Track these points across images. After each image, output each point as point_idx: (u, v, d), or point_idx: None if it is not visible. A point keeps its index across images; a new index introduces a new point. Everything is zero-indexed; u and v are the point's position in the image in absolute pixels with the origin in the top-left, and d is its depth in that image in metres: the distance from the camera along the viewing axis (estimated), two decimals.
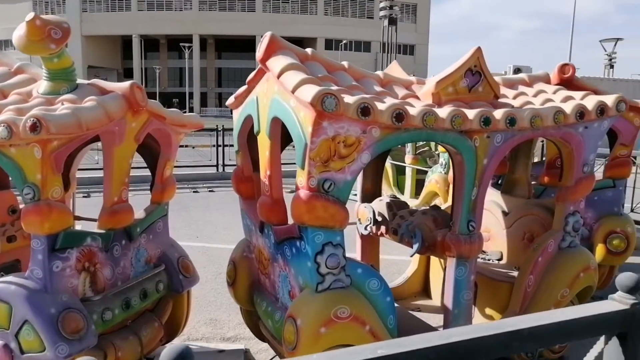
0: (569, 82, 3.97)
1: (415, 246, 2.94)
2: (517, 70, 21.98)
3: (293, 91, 2.29)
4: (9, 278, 2.49)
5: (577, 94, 3.18)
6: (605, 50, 28.68)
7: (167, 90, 64.51)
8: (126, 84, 2.73)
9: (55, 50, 2.54)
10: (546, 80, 3.52)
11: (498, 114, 2.62)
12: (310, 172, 2.29)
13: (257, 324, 3.26)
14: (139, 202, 3.46)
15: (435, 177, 6.24)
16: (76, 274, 2.59)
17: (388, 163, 7.48)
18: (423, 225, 2.99)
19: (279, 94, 2.48)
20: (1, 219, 3.35)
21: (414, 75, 3.27)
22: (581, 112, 2.88)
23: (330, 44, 62.99)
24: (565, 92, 3.23)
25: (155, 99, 3.00)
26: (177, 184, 9.33)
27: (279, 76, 2.45)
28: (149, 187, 3.40)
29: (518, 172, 3.75)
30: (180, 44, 40.27)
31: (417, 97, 2.81)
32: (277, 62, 2.52)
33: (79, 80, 2.80)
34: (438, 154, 6.96)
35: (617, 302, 1.30)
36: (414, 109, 2.42)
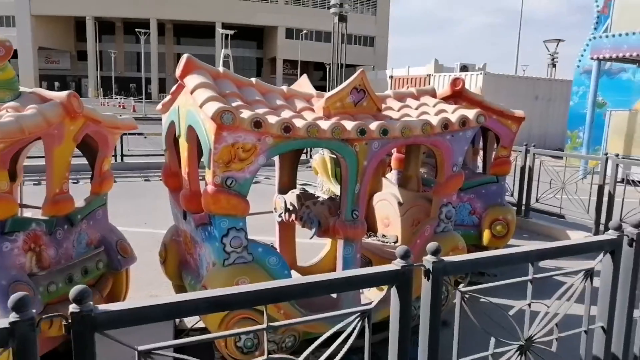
0: (459, 93, 4.71)
1: (313, 230, 3.59)
2: (464, 67, 23.06)
3: (200, 107, 2.86)
4: None
5: (450, 108, 3.87)
6: (549, 50, 30.25)
7: (124, 75, 63.12)
8: (64, 93, 3.21)
9: None
10: (432, 94, 4.20)
11: (373, 126, 3.27)
12: (215, 171, 2.88)
13: None
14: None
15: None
16: (23, 254, 3.09)
17: (327, 156, 8.13)
18: (320, 214, 3.64)
19: (193, 106, 3.04)
20: None
21: (373, 68, 3.86)
22: (446, 124, 3.57)
23: (290, 33, 63.15)
24: (441, 106, 3.91)
25: (112, 84, 3.46)
26: (129, 172, 9.82)
27: (191, 92, 3.01)
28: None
29: (410, 169, 4.44)
30: (136, 29, 39.51)
31: (313, 110, 3.43)
32: (191, 80, 3.08)
33: (22, 89, 3.27)
34: None
35: (395, 264, 1.95)
36: (300, 122, 3.03)
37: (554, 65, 30.76)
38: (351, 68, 67.45)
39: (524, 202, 7.63)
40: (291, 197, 3.96)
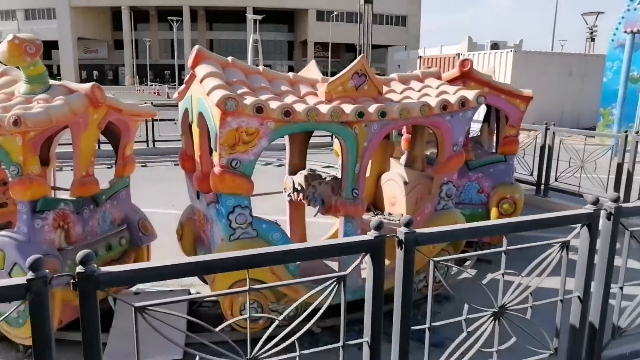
0: (467, 74, 4.80)
1: (317, 209, 3.82)
2: (494, 45, 22.58)
3: (207, 94, 3.10)
4: (3, 232, 3.34)
5: (452, 89, 3.99)
6: (587, 24, 29.17)
7: (158, 62, 64.45)
8: (88, 85, 3.53)
9: (31, 62, 3.34)
10: (437, 76, 4.31)
11: (371, 108, 3.45)
12: (221, 154, 3.13)
13: None
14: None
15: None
16: (53, 230, 3.44)
17: None
18: (324, 193, 3.86)
19: (202, 95, 3.29)
20: None
21: (405, 48, 4.04)
22: (444, 105, 3.71)
23: (321, 15, 62.85)
24: (444, 88, 4.03)
25: (147, 71, 3.74)
26: (160, 157, 10.34)
27: (201, 81, 3.26)
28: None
29: (416, 150, 4.59)
30: (168, 17, 40.19)
31: (316, 95, 3.63)
32: (201, 70, 3.33)
33: (51, 82, 3.59)
34: None
35: (369, 235, 2.15)
36: (301, 107, 3.24)
37: (593, 40, 29.65)
38: (383, 49, 66.85)
39: (543, 181, 7.62)
40: (299, 177, 4.19)
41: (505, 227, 2.43)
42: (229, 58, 3.58)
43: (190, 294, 4.24)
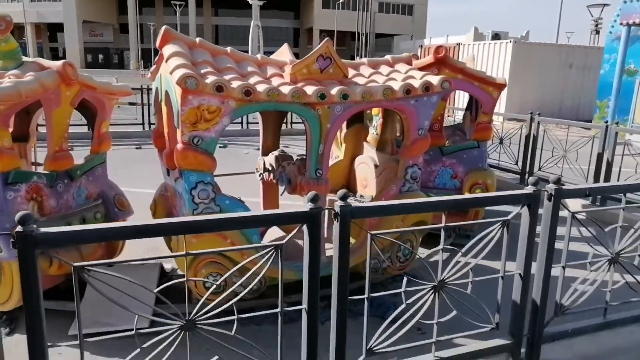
0: (441, 60, 4.88)
1: (282, 188, 3.93)
2: (495, 35, 22.45)
3: (171, 73, 3.21)
4: None
5: (419, 74, 4.07)
6: (592, 16, 28.93)
7: None
8: (60, 62, 3.63)
9: (1, 38, 3.44)
10: (407, 61, 4.39)
11: (334, 90, 3.54)
12: (183, 131, 3.24)
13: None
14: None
15: None
16: (26, 202, 3.57)
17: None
18: (290, 173, 3.98)
19: (168, 74, 3.39)
20: None
21: (412, 37, 4.11)
22: (408, 89, 3.79)
23: (327, 3, 62.50)
24: (411, 73, 4.11)
25: (151, 55, 3.81)
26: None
27: (166, 61, 3.36)
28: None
29: (387, 134, 4.69)
30: (171, 1, 40.10)
31: (282, 76, 3.72)
32: (167, 50, 3.43)
33: (25, 59, 3.70)
34: None
35: (306, 207, 2.26)
36: (262, 87, 3.34)
37: (597, 32, 29.42)
38: (389, 38, 66.41)
39: (527, 170, 7.70)
40: (270, 158, 4.30)
41: (444, 203, 2.53)
42: (197, 39, 3.68)
43: (162, 269, 4.38)
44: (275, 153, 4.34)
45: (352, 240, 4.27)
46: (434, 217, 4.22)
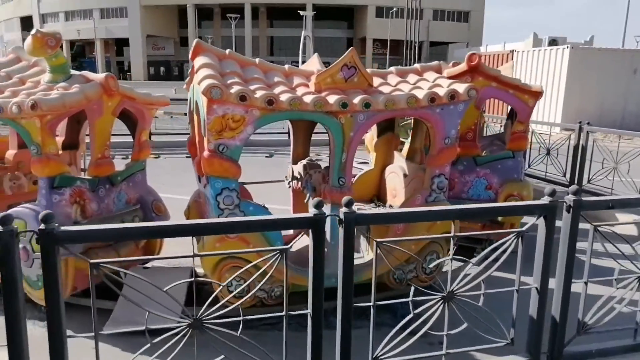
0: (475, 68, 4.84)
1: (307, 195, 4.02)
2: (552, 41, 21.67)
3: (198, 84, 3.38)
4: (26, 205, 3.78)
5: (446, 82, 4.05)
6: None
7: None
8: (102, 75, 3.90)
9: (51, 53, 3.75)
10: (436, 70, 4.38)
11: (356, 99, 3.60)
12: (209, 139, 3.40)
13: None
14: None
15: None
16: (69, 205, 3.85)
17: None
18: (315, 181, 4.06)
19: (197, 84, 3.57)
20: (28, 169, 4.69)
21: (467, 45, 4.18)
22: (432, 98, 3.79)
23: (381, 12, 62.47)
24: (439, 81, 4.09)
25: None
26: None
27: (196, 72, 3.55)
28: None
29: (416, 143, 4.67)
30: (227, 14, 41.44)
31: (307, 86, 3.82)
32: (197, 61, 3.61)
33: (73, 72, 4.01)
34: None
35: (309, 214, 2.33)
36: (285, 96, 3.45)
37: None
38: (443, 45, 65.40)
39: (575, 182, 7.40)
40: (299, 166, 4.40)
41: (451, 213, 2.53)
42: (227, 50, 3.85)
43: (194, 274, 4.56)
44: (304, 161, 4.43)
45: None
46: (466, 228, 4.18)
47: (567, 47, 16.83)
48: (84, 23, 66.70)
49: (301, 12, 21.43)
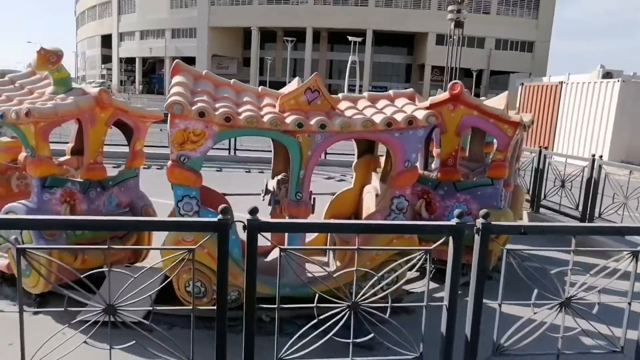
0: (456, 97, 4.96)
1: (270, 208, 4.27)
2: (607, 74, 20.82)
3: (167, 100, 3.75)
4: (20, 201, 4.27)
5: (411, 108, 4.21)
6: None
7: (280, 80, 68.30)
8: (97, 89, 4.38)
9: (54, 68, 4.27)
10: (409, 97, 4.53)
11: (313, 121, 3.84)
12: (172, 150, 3.74)
13: None
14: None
15: None
16: (59, 204, 4.31)
17: None
18: (280, 195, 4.30)
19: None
20: None
21: (530, 75, 4.46)
22: (389, 122, 3.96)
23: (441, 40, 62.23)
24: (407, 107, 4.25)
25: (266, 86, 4.40)
26: (240, 164, 11.25)
27: (169, 90, 3.93)
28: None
29: (389, 165, 4.81)
30: (284, 38, 42.85)
31: (274, 106, 4.10)
32: (173, 80, 4.00)
33: (74, 85, 4.51)
34: None
35: (215, 218, 2.58)
36: (244, 114, 3.75)
37: None
38: (505, 75, 64.07)
39: (587, 216, 7.19)
40: (274, 181, 4.67)
41: (354, 227, 2.69)
42: (204, 71, 4.21)
43: None
44: (280, 176, 4.70)
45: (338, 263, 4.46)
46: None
47: (618, 80, 16.22)
48: (156, 42, 70.95)
49: (350, 38, 21.90)
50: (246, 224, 2.58)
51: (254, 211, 2.60)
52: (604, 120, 16.35)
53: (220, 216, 2.57)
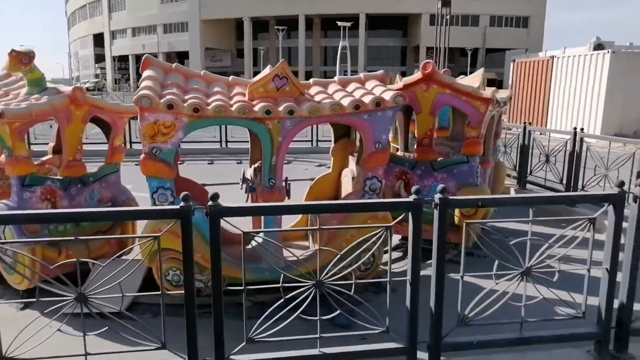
0: (429, 76, 5.01)
1: (246, 196, 4.35)
2: (598, 45, 20.67)
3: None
4: (1, 201, 4.35)
5: (380, 90, 4.26)
6: None
7: None
8: (70, 87, 4.44)
9: (26, 69, 4.33)
10: (380, 79, 4.58)
11: (281, 107, 3.90)
12: (143, 143, 3.82)
13: None
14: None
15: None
16: (40, 202, 4.39)
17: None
18: (255, 182, 4.38)
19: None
20: None
21: (526, 51, 4.50)
22: (357, 105, 4.02)
23: (434, 20, 61.79)
24: (376, 89, 4.31)
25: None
26: (226, 155, 11.37)
27: (139, 84, 3.99)
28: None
29: (362, 149, 4.88)
30: (276, 27, 42.61)
31: (244, 95, 4.16)
32: (143, 74, 4.05)
33: (49, 84, 4.57)
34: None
35: (177, 206, 2.66)
36: (212, 104, 3.81)
37: None
38: (501, 52, 63.68)
39: (571, 189, 7.26)
40: (251, 170, 4.75)
41: (312, 207, 2.78)
42: (174, 64, 4.27)
43: None
44: (256, 164, 4.77)
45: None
46: (398, 226, 4.33)
47: (608, 51, 16.15)
48: (148, 38, 70.71)
49: (339, 23, 21.84)
50: (208, 210, 2.67)
51: (214, 197, 2.69)
52: (596, 93, 16.30)
53: (182, 203, 2.65)
